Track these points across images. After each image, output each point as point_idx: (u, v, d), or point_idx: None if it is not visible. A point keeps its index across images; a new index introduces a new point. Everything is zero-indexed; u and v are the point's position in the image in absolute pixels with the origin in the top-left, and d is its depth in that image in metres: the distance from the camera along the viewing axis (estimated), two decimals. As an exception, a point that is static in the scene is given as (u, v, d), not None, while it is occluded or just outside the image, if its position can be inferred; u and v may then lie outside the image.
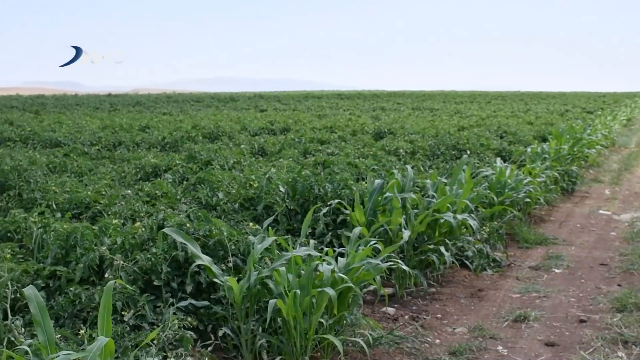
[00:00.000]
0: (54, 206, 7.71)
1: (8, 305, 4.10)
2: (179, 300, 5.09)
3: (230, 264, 5.41)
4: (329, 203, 7.46)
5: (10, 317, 4.10)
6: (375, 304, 6.57)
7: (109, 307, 3.64)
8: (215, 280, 5.07)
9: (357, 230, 6.04)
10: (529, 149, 13.94)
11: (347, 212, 7.20)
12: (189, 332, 4.59)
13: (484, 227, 8.48)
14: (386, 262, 5.80)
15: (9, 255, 5.46)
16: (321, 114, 28.67)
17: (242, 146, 14.64)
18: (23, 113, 29.98)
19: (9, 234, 6.35)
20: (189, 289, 5.22)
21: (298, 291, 4.80)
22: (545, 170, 12.02)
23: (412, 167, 9.54)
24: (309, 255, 5.31)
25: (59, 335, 4.00)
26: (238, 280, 5.00)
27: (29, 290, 3.57)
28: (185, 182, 9.46)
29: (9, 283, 4.63)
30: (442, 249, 7.09)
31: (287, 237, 6.21)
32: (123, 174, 10.57)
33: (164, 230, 5.26)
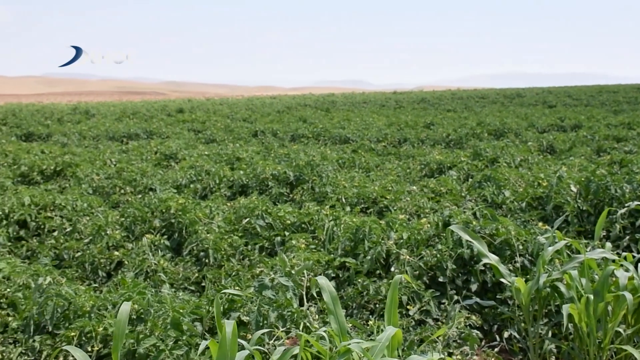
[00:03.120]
0: (344, 200, 8.06)
1: (304, 293, 4.32)
2: (464, 298, 5.04)
3: (518, 264, 5.23)
4: (626, 204, 6.91)
5: (305, 303, 4.33)
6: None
7: (395, 301, 3.68)
8: (502, 280, 4.92)
9: (660, 234, 5.51)
10: None
11: (648, 214, 6.63)
12: (475, 331, 4.51)
13: None
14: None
15: (303, 245, 5.83)
16: (617, 110, 26.89)
17: (529, 143, 14.23)
18: (315, 111, 31.88)
19: (303, 225, 6.74)
20: (474, 287, 5.15)
21: (591, 296, 4.48)
22: None
23: None
24: (604, 259, 4.94)
25: (350, 324, 4.13)
26: (526, 281, 4.81)
27: (322, 280, 3.73)
28: (470, 180, 9.39)
29: (304, 272, 4.91)
30: None
31: (581, 241, 5.85)
32: (408, 170, 10.77)
33: (450, 227, 5.23)
